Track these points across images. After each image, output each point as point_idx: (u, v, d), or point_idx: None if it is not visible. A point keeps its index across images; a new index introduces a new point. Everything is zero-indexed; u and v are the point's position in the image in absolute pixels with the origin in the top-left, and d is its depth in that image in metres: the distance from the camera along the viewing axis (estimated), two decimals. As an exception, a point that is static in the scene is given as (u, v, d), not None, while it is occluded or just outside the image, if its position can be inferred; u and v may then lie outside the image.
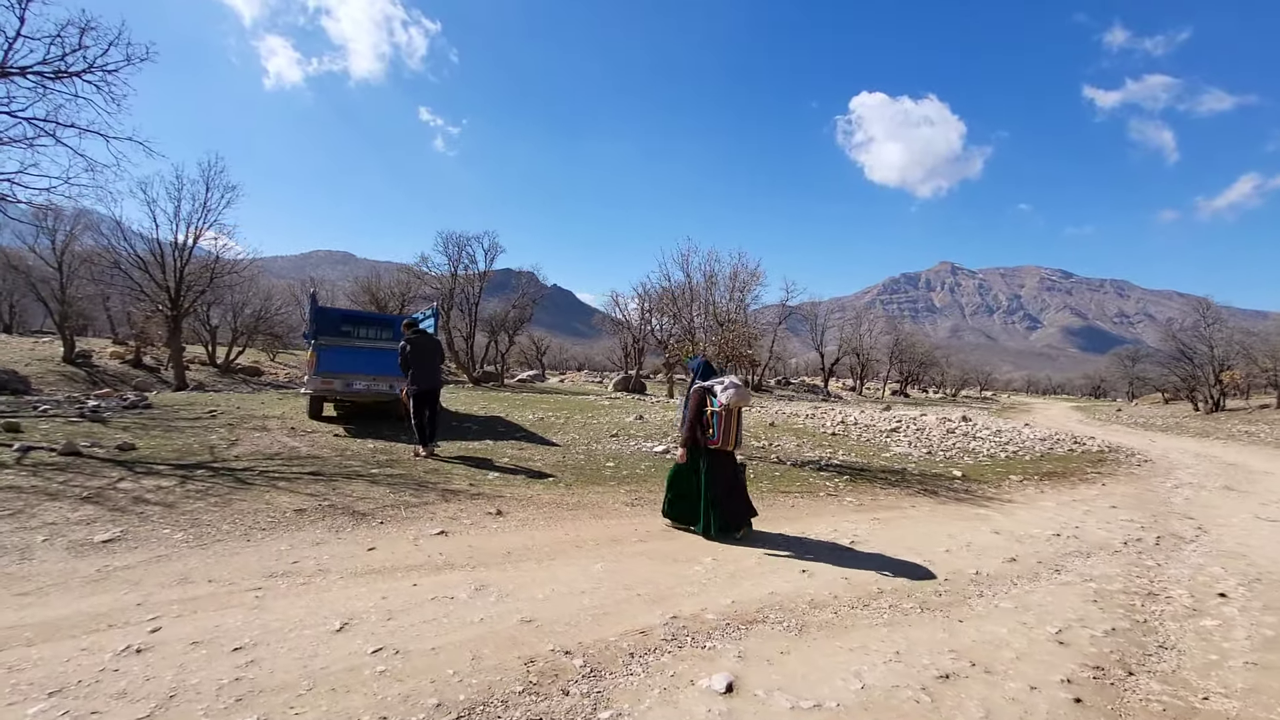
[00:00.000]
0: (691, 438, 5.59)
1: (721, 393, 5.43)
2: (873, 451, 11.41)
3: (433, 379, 8.02)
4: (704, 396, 5.55)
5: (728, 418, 5.44)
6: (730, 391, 5.42)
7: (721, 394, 5.43)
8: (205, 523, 4.64)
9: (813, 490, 7.65)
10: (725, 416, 5.42)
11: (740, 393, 5.46)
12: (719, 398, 5.43)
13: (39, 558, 3.84)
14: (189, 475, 5.95)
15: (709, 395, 5.54)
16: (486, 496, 6.06)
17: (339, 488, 5.90)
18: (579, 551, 4.74)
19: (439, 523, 5.12)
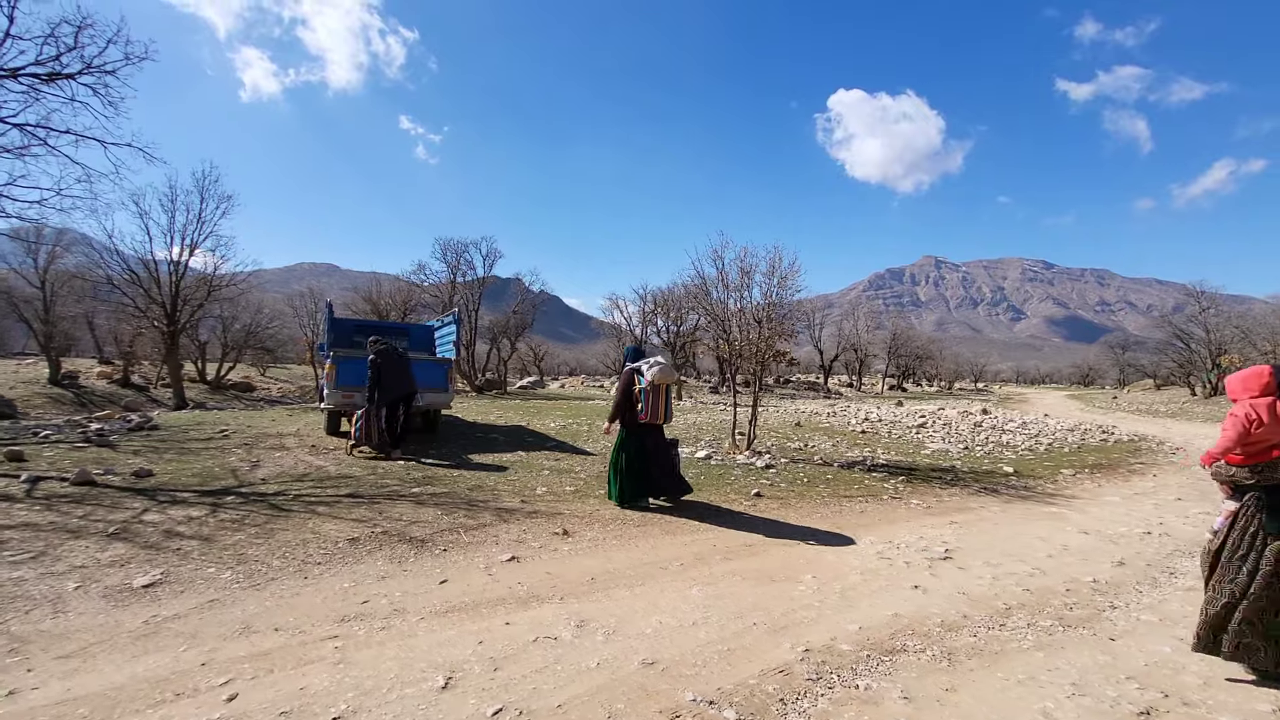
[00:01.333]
0: (619, 414, 6.04)
1: (648, 371, 5.87)
2: (911, 449, 11.06)
3: (404, 386, 8.15)
4: (632, 376, 5.98)
5: (654, 395, 5.86)
6: (655, 370, 5.87)
7: (648, 372, 5.86)
8: (252, 558, 4.15)
9: (875, 494, 7.26)
10: (652, 393, 5.85)
11: (664, 370, 5.91)
12: (645, 376, 5.87)
13: (75, 609, 3.34)
14: (218, 503, 5.44)
15: (637, 375, 5.96)
16: (544, 514, 5.60)
17: (385, 511, 5.41)
18: (666, 574, 4.30)
19: (505, 547, 4.66)
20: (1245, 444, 2.97)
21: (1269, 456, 2.95)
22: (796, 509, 6.42)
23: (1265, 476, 2.97)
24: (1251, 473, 3.00)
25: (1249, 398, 3.03)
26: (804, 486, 7.44)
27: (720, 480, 7.49)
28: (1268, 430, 2.90)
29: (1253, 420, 2.92)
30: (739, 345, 9.41)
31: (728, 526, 5.60)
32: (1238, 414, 3.00)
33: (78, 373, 27.84)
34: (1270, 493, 2.97)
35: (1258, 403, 2.97)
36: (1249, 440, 2.95)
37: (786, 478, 7.83)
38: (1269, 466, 2.95)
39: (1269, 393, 2.98)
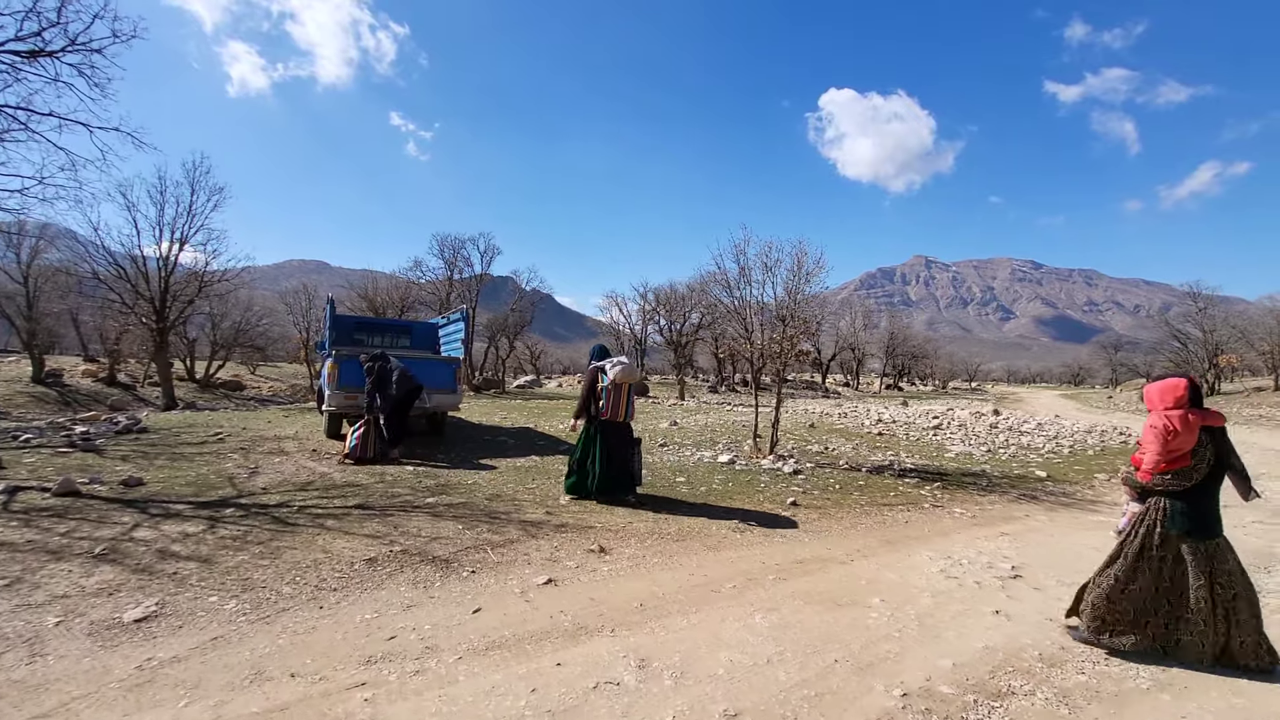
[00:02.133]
0: (583, 411, 6.20)
1: (610, 369, 6.03)
2: (934, 452, 10.70)
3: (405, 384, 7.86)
4: (596, 375, 6.14)
5: (615, 392, 6.07)
6: (618, 369, 6.02)
7: (610, 371, 6.03)
8: (259, 584, 3.68)
9: (914, 501, 6.87)
10: (613, 391, 6.06)
11: (626, 370, 6.07)
12: (608, 375, 6.03)
13: (55, 651, 2.86)
14: (216, 516, 4.95)
15: (600, 373, 6.10)
16: (573, 528, 5.15)
17: (400, 525, 4.95)
18: (721, 598, 3.88)
19: (539, 568, 4.22)
20: (1168, 453, 3.13)
21: (1185, 463, 3.14)
22: (838, 519, 6.01)
23: (1177, 482, 3.17)
24: (1175, 478, 3.17)
25: (1164, 409, 3.18)
26: (838, 494, 7.04)
27: (750, 487, 7.07)
28: (1181, 439, 3.08)
29: (1170, 431, 3.10)
30: (761, 344, 8.98)
31: (772, 540, 5.19)
32: (1155, 425, 3.16)
33: (62, 371, 27.05)
34: (1177, 496, 3.18)
35: (1172, 414, 3.13)
36: (1170, 449, 3.11)
37: (818, 484, 7.43)
38: (1180, 473, 3.15)
39: (1182, 405, 3.14)
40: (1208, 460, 3.14)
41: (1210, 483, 3.18)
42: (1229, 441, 3.23)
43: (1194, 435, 3.11)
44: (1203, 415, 3.14)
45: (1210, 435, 3.16)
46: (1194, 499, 3.18)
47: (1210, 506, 3.20)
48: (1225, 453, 3.19)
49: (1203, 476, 3.15)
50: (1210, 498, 3.20)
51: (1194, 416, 3.11)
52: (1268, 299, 40.40)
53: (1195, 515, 3.17)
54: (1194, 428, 3.10)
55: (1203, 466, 3.14)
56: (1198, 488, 3.17)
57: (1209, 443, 3.15)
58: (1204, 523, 3.18)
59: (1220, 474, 3.20)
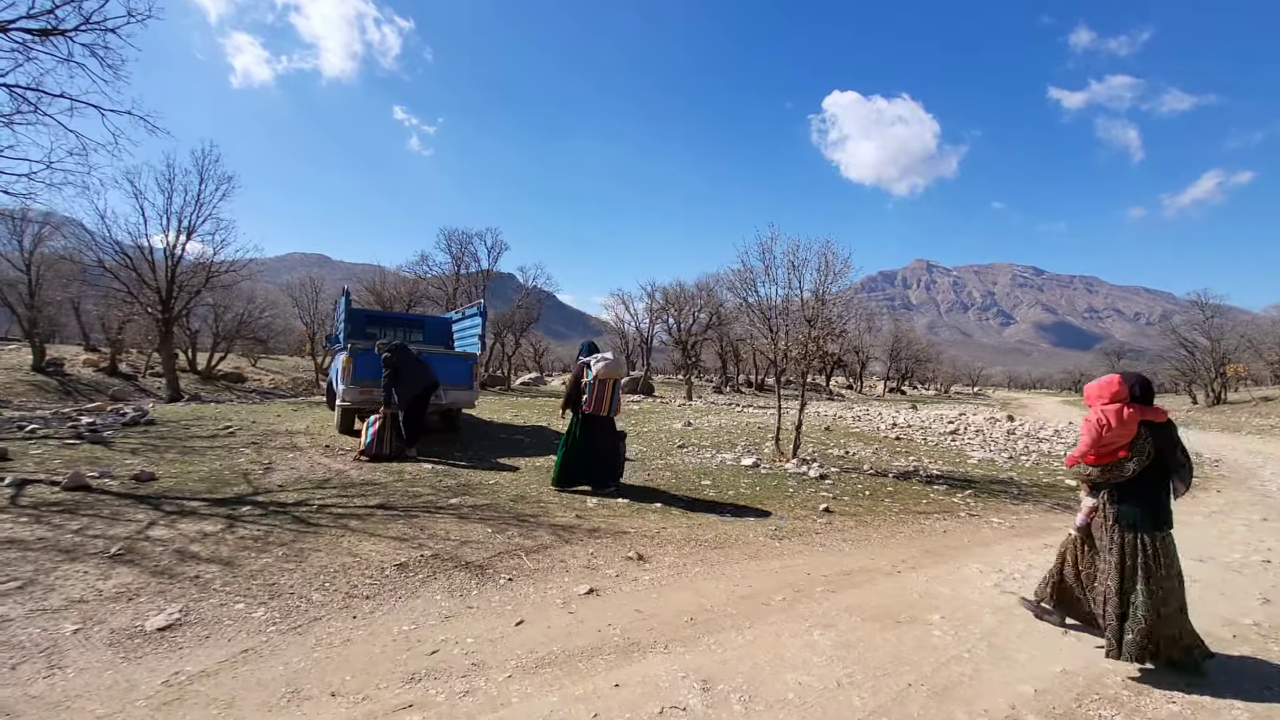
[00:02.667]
0: (569, 404, 6.39)
1: (595, 365, 6.20)
2: (955, 458, 10.49)
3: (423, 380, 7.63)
4: (581, 370, 6.30)
5: (600, 387, 6.22)
6: (601, 365, 6.18)
7: (594, 366, 6.19)
8: (286, 590, 3.47)
9: (949, 510, 6.66)
10: (597, 386, 6.21)
11: (610, 366, 6.22)
12: (592, 370, 6.19)
13: (75, 663, 2.65)
14: (234, 515, 4.73)
15: (585, 368, 6.26)
16: (606, 533, 4.94)
17: (426, 527, 4.73)
18: (773, 612, 3.67)
19: (577, 576, 4.00)
20: (1099, 446, 3.19)
21: (1116, 457, 3.19)
22: (875, 527, 5.81)
23: (1114, 475, 3.21)
24: (1102, 472, 3.25)
25: (1101, 404, 3.23)
26: (869, 500, 6.83)
27: (778, 492, 6.86)
28: (1115, 434, 3.13)
29: (1104, 425, 3.14)
30: (786, 345, 8.77)
31: (812, 549, 4.98)
32: (1091, 419, 3.21)
33: (62, 360, 26.82)
34: (1119, 488, 3.24)
35: (1108, 409, 3.17)
36: (1102, 443, 3.17)
37: (846, 490, 7.22)
38: (1115, 465, 3.20)
39: (1118, 400, 3.20)
40: (1147, 454, 3.16)
41: (1155, 477, 3.22)
42: (1175, 438, 3.27)
43: (1131, 430, 3.14)
44: (1142, 410, 3.19)
45: (1152, 431, 3.19)
46: (1138, 493, 3.23)
47: (1156, 500, 3.22)
48: (1169, 448, 3.23)
49: (1141, 470, 3.18)
50: (1155, 492, 3.22)
51: (1130, 411, 3.15)
52: (1275, 308, 40.27)
53: (1140, 509, 3.21)
54: (1130, 422, 3.14)
55: (1141, 460, 3.16)
56: (1142, 482, 3.22)
57: (1149, 437, 3.17)
58: (1149, 516, 3.21)
59: (1165, 469, 3.23)
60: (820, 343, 8.53)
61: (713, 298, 30.77)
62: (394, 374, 7.40)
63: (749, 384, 42.76)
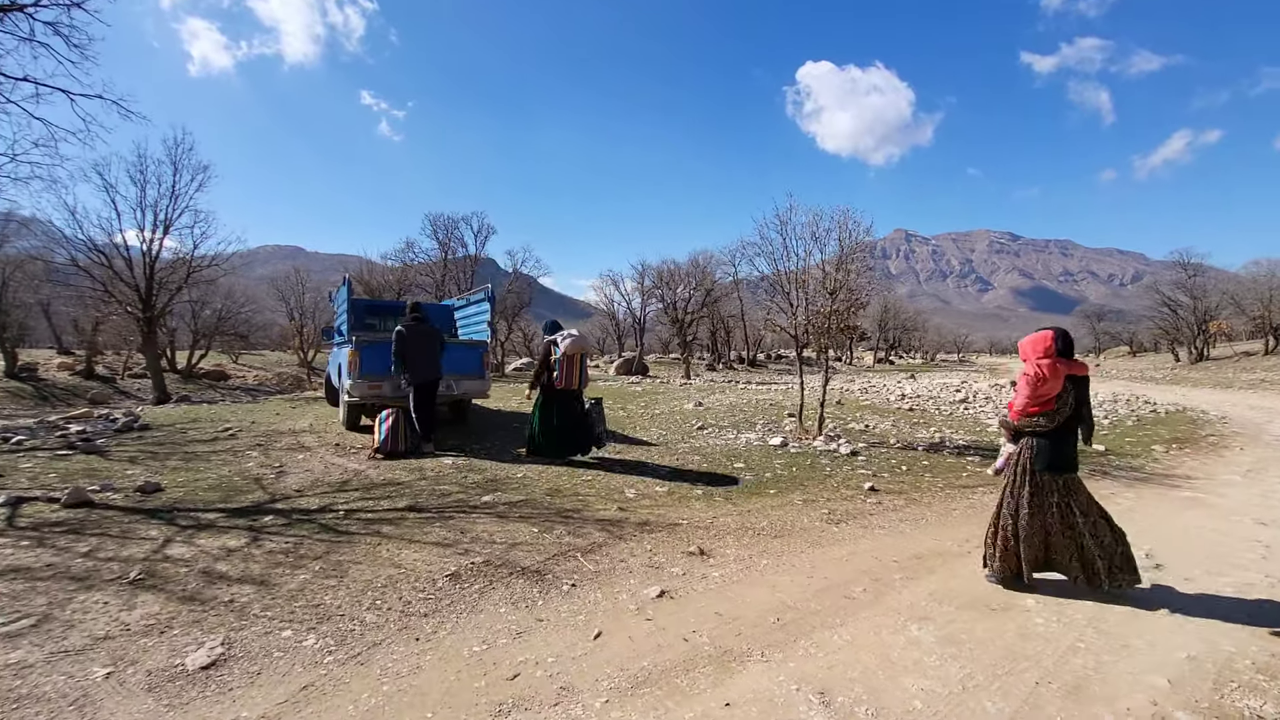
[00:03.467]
0: (538, 381, 6.65)
1: (561, 342, 6.45)
2: (976, 427, 10.35)
3: (433, 369, 7.23)
4: (549, 348, 6.55)
5: (568, 364, 6.48)
6: (568, 341, 6.45)
7: (561, 343, 6.44)
8: (335, 611, 3.14)
9: (993, 482, 6.46)
10: (565, 362, 6.46)
11: (576, 342, 6.49)
12: (559, 347, 6.44)
13: (111, 714, 2.31)
14: (256, 526, 4.37)
15: (553, 345, 6.51)
16: (656, 525, 4.65)
17: (466, 530, 4.41)
18: (859, 606, 3.41)
19: (643, 577, 3.71)
20: (1037, 397, 3.47)
21: (1051, 406, 3.47)
22: (926, 505, 5.59)
23: (1049, 422, 3.48)
24: (1043, 419, 3.50)
25: (1036, 358, 3.47)
26: (909, 476, 6.63)
27: (815, 472, 6.62)
28: (1049, 385, 3.42)
29: (1040, 378, 3.43)
30: (806, 319, 8.49)
31: (872, 532, 4.74)
32: (1028, 373, 3.48)
33: (36, 364, 25.91)
34: (1043, 436, 3.53)
35: (1042, 363, 3.43)
36: (1038, 394, 3.46)
37: (883, 466, 7.00)
38: (1049, 415, 3.48)
39: (1050, 354, 3.45)
40: (1069, 404, 3.46)
41: (1072, 424, 3.53)
42: (1088, 392, 3.56)
43: (1060, 381, 3.42)
44: (1068, 364, 3.45)
45: (1074, 383, 3.47)
46: (1056, 439, 3.53)
47: (1069, 445, 3.55)
48: (1083, 400, 3.52)
49: (1065, 419, 3.48)
50: (1069, 438, 3.55)
51: (1060, 365, 3.42)
52: (1254, 264, 40.84)
53: (1056, 453, 3.52)
54: (1060, 374, 3.41)
55: (1065, 410, 3.46)
56: (1060, 429, 3.51)
57: (1072, 389, 3.45)
58: (1063, 459, 3.53)
59: (1079, 419, 3.53)
60: (843, 315, 8.26)
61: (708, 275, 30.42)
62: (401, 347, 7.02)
63: (741, 360, 42.69)
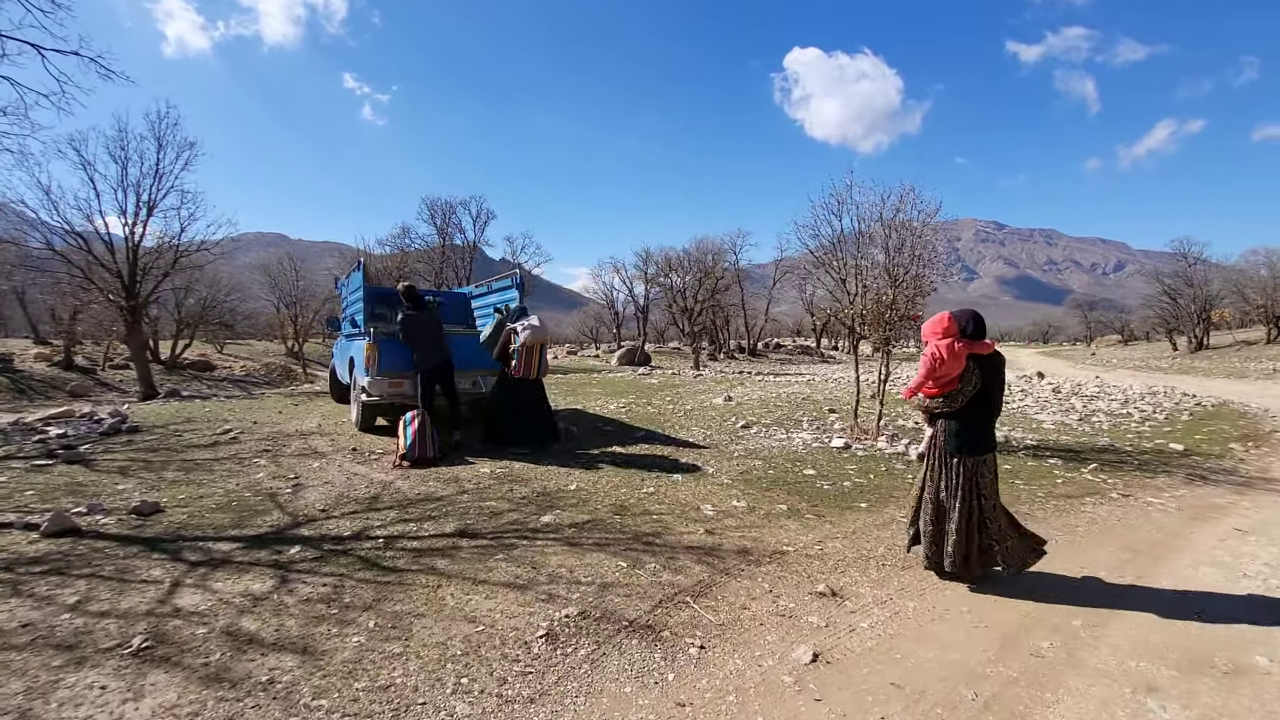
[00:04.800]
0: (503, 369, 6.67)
1: (521, 332, 6.43)
2: (1028, 423, 9.74)
3: (438, 354, 6.80)
4: (509, 336, 6.55)
5: (527, 353, 6.49)
6: (528, 331, 6.42)
7: (521, 333, 6.43)
8: (410, 695, 2.39)
9: (1094, 490, 5.82)
10: (524, 352, 6.47)
11: (536, 333, 6.47)
12: (519, 336, 6.43)
13: None
14: (282, 562, 3.60)
15: (513, 334, 6.51)
16: (760, 554, 3.93)
17: (537, 563, 3.66)
18: (1057, 668, 2.73)
19: (778, 631, 2.99)
20: (934, 378, 3.40)
21: (952, 386, 3.39)
22: (1040, 521, 4.89)
23: (951, 404, 3.42)
24: (944, 402, 3.44)
25: (935, 339, 3.39)
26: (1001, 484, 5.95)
27: (894, 479, 5.95)
28: (947, 366, 3.33)
29: (938, 359, 3.33)
30: (863, 308, 7.78)
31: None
32: (927, 354, 3.40)
33: (11, 355, 24.70)
34: (953, 417, 3.45)
35: (941, 344, 3.35)
36: (936, 375, 3.38)
37: (965, 472, 6.34)
38: (951, 396, 3.40)
39: (949, 335, 3.37)
40: (974, 384, 3.38)
41: (979, 406, 3.45)
42: (1001, 375, 3.54)
43: (960, 363, 3.34)
44: (970, 345, 3.38)
45: (979, 364, 3.39)
46: (965, 420, 3.46)
47: (980, 427, 3.48)
48: (994, 382, 3.45)
49: (969, 400, 3.41)
50: (979, 420, 3.48)
51: (960, 346, 3.34)
52: (1251, 253, 40.75)
53: (966, 435, 3.45)
54: (960, 356, 3.33)
55: (969, 390, 3.39)
56: (968, 411, 3.44)
57: (976, 369, 3.38)
58: (974, 442, 3.45)
59: (989, 400, 3.47)
60: (909, 303, 7.56)
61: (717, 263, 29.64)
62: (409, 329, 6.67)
63: (741, 349, 42.07)
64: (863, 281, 7.84)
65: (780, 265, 38.02)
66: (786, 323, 66.81)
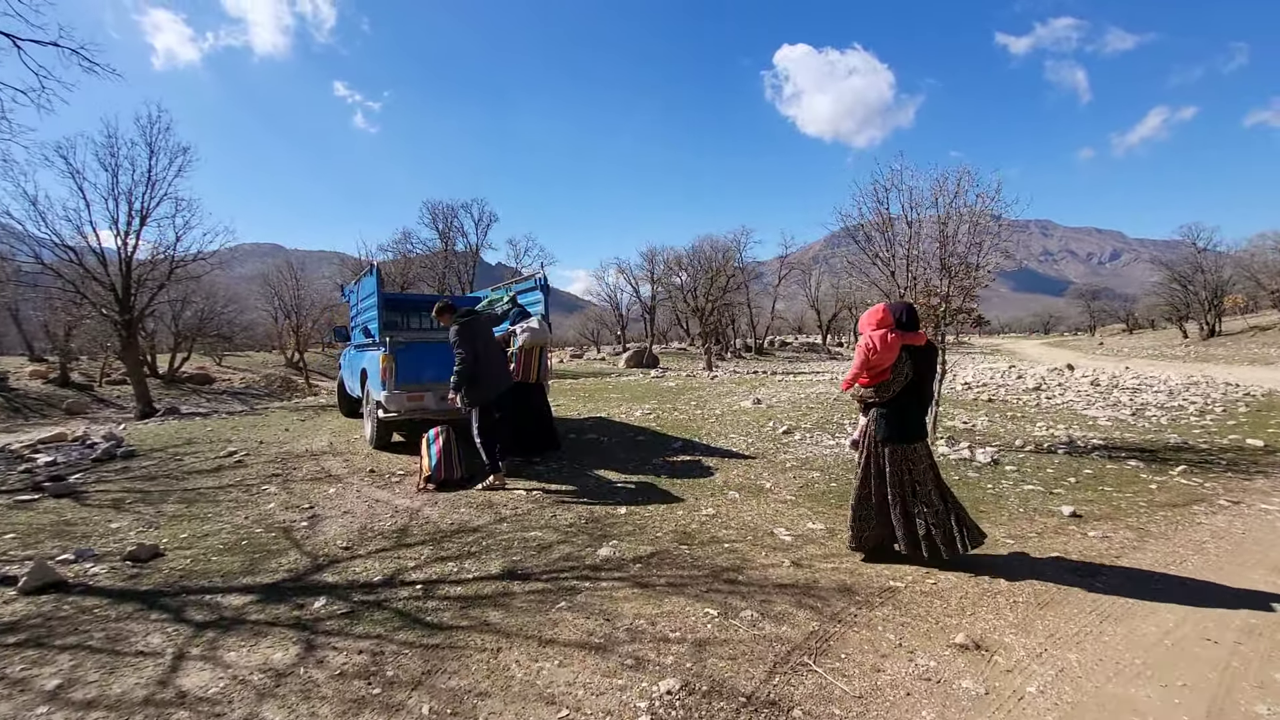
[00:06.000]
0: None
1: (520, 334, 6.15)
2: (1082, 421, 9.16)
3: (501, 379, 5.73)
4: (508, 336, 6.27)
5: (525, 356, 6.17)
6: (526, 335, 6.14)
7: (520, 335, 6.15)
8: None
9: (1199, 497, 5.24)
10: (522, 355, 6.15)
11: (534, 335, 6.17)
12: (517, 339, 6.15)
13: None
14: (306, 618, 3.02)
15: (512, 336, 6.23)
16: (867, 594, 3.34)
17: (609, 613, 3.07)
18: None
19: (932, 705, 2.41)
20: (868, 368, 3.49)
21: (885, 377, 3.48)
22: (1160, 538, 4.32)
23: (882, 393, 3.52)
24: (875, 392, 3.54)
25: (870, 330, 3.49)
26: (1092, 492, 5.39)
27: (973, 490, 5.37)
28: (881, 356, 3.42)
29: (871, 349, 3.43)
30: (914, 300, 7.20)
31: (1146, 587, 3.46)
32: (861, 344, 3.52)
33: (7, 373, 24.16)
34: (884, 406, 3.55)
35: (875, 334, 3.44)
36: (870, 365, 3.47)
37: (1044, 479, 5.77)
38: (883, 386, 3.50)
39: (883, 326, 3.45)
40: (906, 375, 3.46)
41: (911, 395, 3.52)
42: (934, 365, 3.66)
43: (893, 353, 3.40)
44: (903, 335, 3.43)
45: (911, 354, 3.46)
46: (896, 409, 3.52)
47: (910, 416, 3.55)
48: (926, 372, 3.56)
49: (901, 389, 3.48)
50: (910, 408, 3.55)
51: (893, 336, 3.40)
52: (1259, 238, 40.29)
53: (896, 423, 3.52)
54: (893, 346, 3.39)
55: (900, 379, 3.46)
56: (899, 400, 3.50)
57: (908, 359, 3.45)
58: (904, 430, 3.52)
59: (920, 389, 3.55)
60: (968, 294, 7.00)
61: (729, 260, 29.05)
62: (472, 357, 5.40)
63: (748, 348, 41.48)
64: (913, 273, 7.25)
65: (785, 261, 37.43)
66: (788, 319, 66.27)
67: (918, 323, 3.55)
